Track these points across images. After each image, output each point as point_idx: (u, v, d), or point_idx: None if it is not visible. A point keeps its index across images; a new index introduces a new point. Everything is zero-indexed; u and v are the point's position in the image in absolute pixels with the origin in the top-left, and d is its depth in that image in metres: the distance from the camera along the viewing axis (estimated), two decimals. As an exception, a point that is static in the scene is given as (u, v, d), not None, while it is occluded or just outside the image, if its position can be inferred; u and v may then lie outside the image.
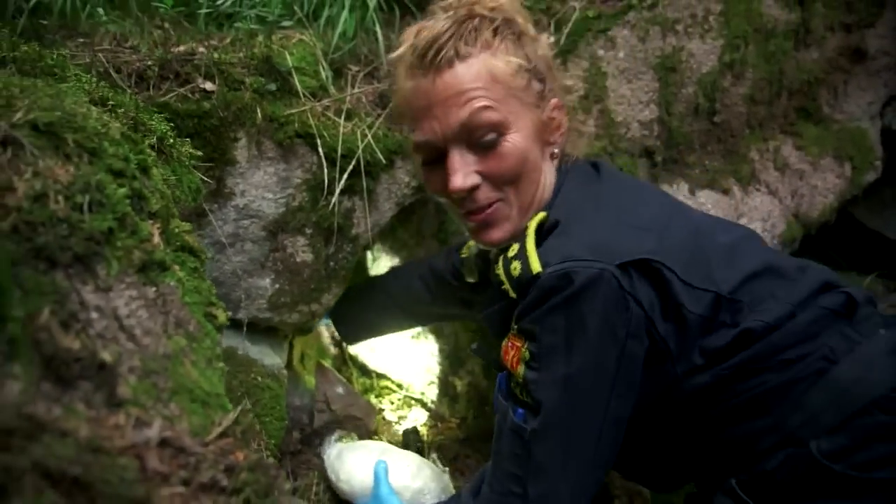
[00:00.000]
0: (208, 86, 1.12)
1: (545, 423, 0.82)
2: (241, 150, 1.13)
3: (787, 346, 0.83)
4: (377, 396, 1.79)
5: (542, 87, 0.91)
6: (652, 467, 0.99)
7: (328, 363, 1.65)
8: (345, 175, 1.20)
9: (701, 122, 1.53)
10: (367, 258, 1.66)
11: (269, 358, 1.32)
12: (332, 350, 1.78)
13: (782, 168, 1.62)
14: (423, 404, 1.76)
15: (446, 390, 1.70)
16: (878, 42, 1.64)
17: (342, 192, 1.21)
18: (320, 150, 1.17)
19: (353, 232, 1.29)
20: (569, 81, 1.40)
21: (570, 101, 1.40)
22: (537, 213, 0.90)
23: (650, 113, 1.47)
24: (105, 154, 0.58)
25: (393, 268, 1.53)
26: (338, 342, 1.78)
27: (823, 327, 0.84)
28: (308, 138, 1.17)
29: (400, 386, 1.82)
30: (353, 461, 1.25)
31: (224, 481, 0.47)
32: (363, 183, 1.22)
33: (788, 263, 0.92)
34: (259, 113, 1.12)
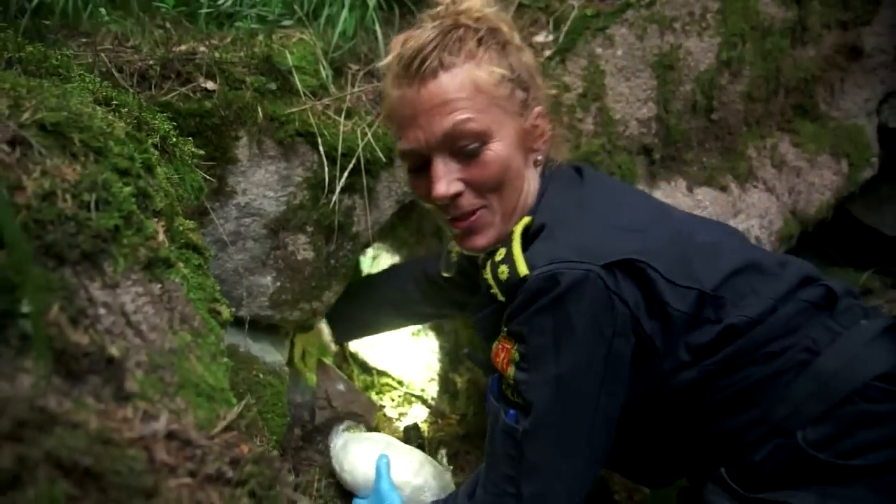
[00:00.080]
0: (209, 85, 1.13)
1: (536, 423, 0.84)
2: (243, 149, 1.14)
3: (770, 340, 0.85)
4: (378, 393, 1.80)
5: (526, 95, 0.93)
6: (643, 464, 1.01)
7: (329, 360, 1.66)
8: (345, 173, 1.21)
9: (699, 119, 1.54)
10: (359, 259, 1.67)
11: (271, 355, 1.32)
12: (333, 347, 1.79)
13: (779, 165, 1.63)
14: (424, 401, 1.78)
15: (446, 387, 1.71)
16: (874, 39, 1.64)
17: (342, 190, 1.22)
18: (321, 148, 1.18)
19: (354, 230, 1.30)
20: (567, 79, 1.41)
21: (570, 98, 1.42)
22: (522, 218, 0.92)
23: (648, 111, 1.47)
24: (110, 153, 0.59)
25: (389, 267, 1.55)
26: (339, 339, 1.79)
27: (805, 320, 0.86)
28: (308, 137, 1.18)
29: (400, 383, 1.84)
30: (356, 453, 1.26)
31: (229, 473, 0.49)
32: (363, 181, 1.23)
33: (769, 259, 0.94)
34: (260, 112, 1.13)
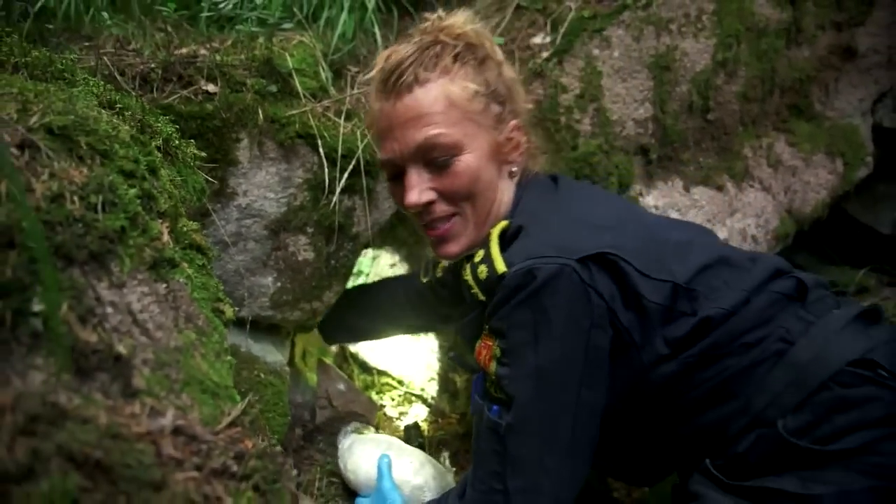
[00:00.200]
0: (210, 88, 1.14)
1: (518, 416, 0.85)
2: (244, 151, 1.15)
3: (745, 331, 0.87)
4: (378, 393, 1.81)
5: (501, 109, 0.97)
6: (631, 463, 1.02)
7: (329, 360, 1.67)
8: (345, 174, 1.22)
9: (695, 119, 1.55)
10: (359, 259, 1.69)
11: (272, 355, 1.34)
12: (333, 348, 1.80)
13: (775, 165, 1.64)
14: (424, 400, 1.79)
15: (446, 386, 1.73)
16: (868, 40, 1.66)
17: (342, 191, 1.24)
18: (321, 150, 1.19)
19: (354, 230, 1.31)
20: (564, 80, 1.43)
21: (567, 99, 1.43)
22: (497, 224, 0.95)
23: (645, 111, 1.49)
24: (116, 156, 0.60)
25: (383, 278, 1.59)
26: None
27: (778, 311, 0.88)
28: (309, 138, 1.19)
29: (400, 382, 1.85)
30: (360, 453, 1.28)
31: (234, 467, 0.50)
32: (363, 182, 1.25)
33: (740, 255, 0.97)
34: (260, 114, 1.14)
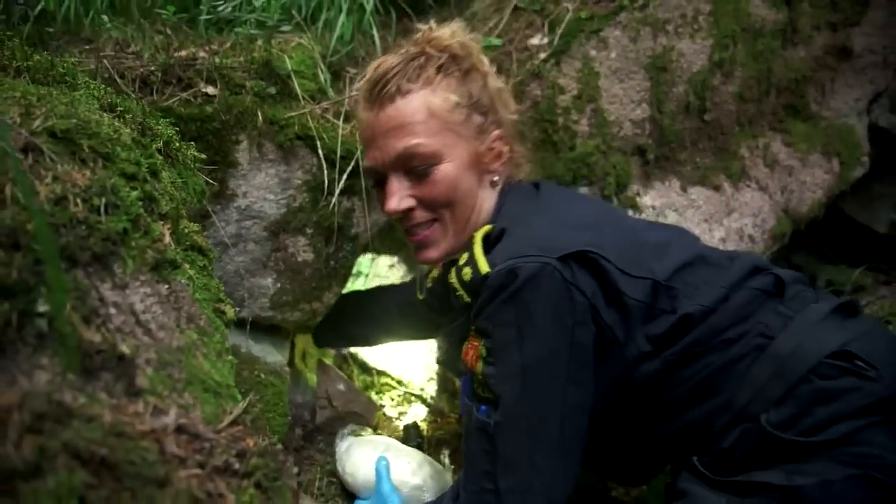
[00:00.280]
0: (210, 90, 1.15)
1: (506, 414, 0.86)
2: (243, 153, 1.16)
3: (725, 328, 0.88)
4: (378, 393, 1.82)
5: (484, 120, 0.99)
6: (619, 463, 1.03)
7: (329, 361, 1.68)
8: (344, 176, 1.23)
9: (692, 120, 1.56)
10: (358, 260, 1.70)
11: (272, 356, 1.34)
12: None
13: (772, 164, 1.65)
14: (423, 400, 1.80)
15: (445, 386, 1.73)
16: (863, 40, 1.67)
17: (342, 192, 1.24)
18: (320, 151, 1.20)
19: (353, 231, 1.32)
20: (562, 81, 1.44)
21: (564, 100, 1.44)
22: (480, 229, 0.97)
23: (642, 112, 1.50)
24: (118, 158, 0.61)
25: (377, 287, 1.61)
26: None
27: (757, 307, 0.90)
28: (308, 140, 1.20)
29: (400, 382, 1.86)
30: (357, 455, 1.28)
31: (236, 465, 0.51)
32: (362, 183, 1.25)
33: (718, 254, 0.99)
34: (260, 116, 1.15)
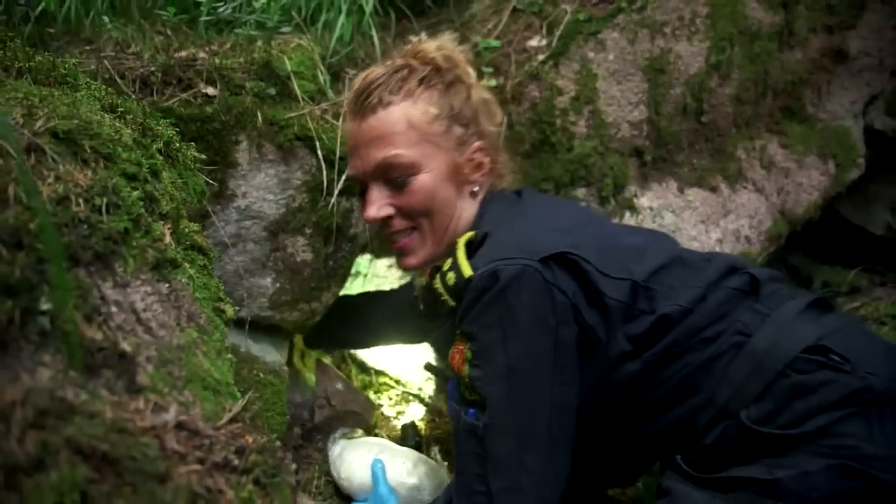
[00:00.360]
0: (210, 90, 1.15)
1: (494, 415, 0.87)
2: (243, 153, 1.17)
3: (703, 327, 0.90)
4: (376, 392, 1.83)
5: (464, 131, 1.00)
6: (605, 464, 1.04)
7: (328, 360, 1.69)
8: (343, 176, 1.23)
9: (689, 121, 1.57)
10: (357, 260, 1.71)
11: (271, 355, 1.35)
12: (331, 347, 1.81)
13: (768, 166, 1.66)
14: (421, 399, 1.80)
15: (442, 386, 1.74)
16: (859, 43, 1.68)
17: (340, 192, 1.25)
18: (319, 152, 1.21)
19: (352, 232, 1.32)
20: (560, 83, 1.44)
21: (562, 102, 1.45)
22: (463, 235, 0.98)
23: (640, 113, 1.50)
24: (119, 159, 0.61)
25: (367, 292, 1.63)
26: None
27: (733, 306, 0.92)
28: (307, 141, 1.20)
29: (398, 382, 1.86)
30: (352, 459, 1.28)
31: (235, 461, 0.51)
32: (361, 184, 1.26)
33: (695, 256, 1.01)
34: (259, 116, 1.15)
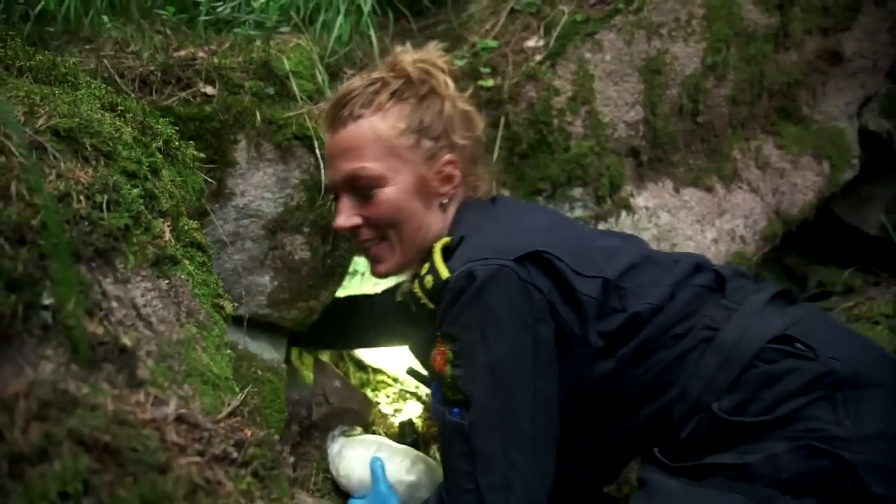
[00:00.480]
0: (209, 90, 1.16)
1: (478, 413, 0.89)
2: (241, 152, 1.18)
3: (673, 324, 0.93)
4: (373, 390, 1.83)
5: (434, 144, 1.02)
6: (585, 463, 1.05)
7: (326, 358, 1.70)
8: (341, 175, 1.24)
9: (685, 122, 1.58)
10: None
11: (269, 353, 1.36)
12: (329, 346, 1.82)
13: (763, 167, 1.67)
14: (418, 397, 1.81)
15: (439, 384, 1.75)
16: (854, 45, 1.69)
17: (338, 191, 1.26)
18: (317, 151, 1.21)
19: (349, 230, 1.33)
20: (557, 83, 1.46)
21: (559, 102, 1.46)
22: (439, 241, 1.00)
23: (636, 114, 1.52)
24: (119, 157, 0.62)
25: (352, 295, 1.63)
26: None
27: (701, 302, 0.95)
28: (305, 140, 1.21)
29: (395, 380, 1.87)
30: (350, 457, 1.28)
31: (234, 454, 0.52)
32: (359, 183, 1.27)
33: (664, 257, 1.04)
34: (258, 116, 1.16)
